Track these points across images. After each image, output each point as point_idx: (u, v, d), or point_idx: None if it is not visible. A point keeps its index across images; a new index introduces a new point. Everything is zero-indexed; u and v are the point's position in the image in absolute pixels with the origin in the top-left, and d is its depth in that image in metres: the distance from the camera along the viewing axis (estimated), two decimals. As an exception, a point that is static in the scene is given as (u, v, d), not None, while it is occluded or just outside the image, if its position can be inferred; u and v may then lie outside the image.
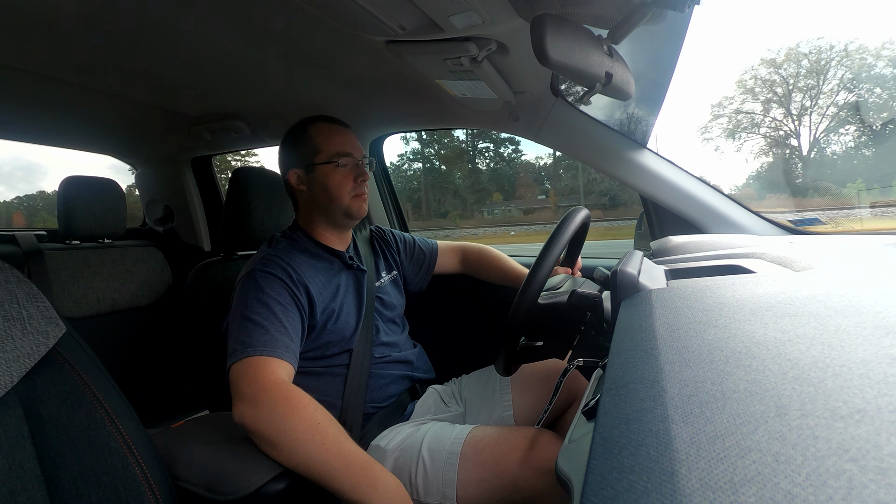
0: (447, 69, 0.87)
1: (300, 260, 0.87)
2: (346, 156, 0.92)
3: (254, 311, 0.77)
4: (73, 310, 1.34)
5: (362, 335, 0.92)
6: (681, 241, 0.88)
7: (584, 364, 0.60)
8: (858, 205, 1.30)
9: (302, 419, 0.66)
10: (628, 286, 0.50)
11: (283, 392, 0.68)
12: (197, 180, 1.85)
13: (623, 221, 7.07)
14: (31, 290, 0.52)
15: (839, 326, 0.30)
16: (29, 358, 0.49)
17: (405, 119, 1.32)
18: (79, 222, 1.37)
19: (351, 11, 0.68)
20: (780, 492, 0.17)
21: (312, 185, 0.93)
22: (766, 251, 0.67)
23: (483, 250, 1.21)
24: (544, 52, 0.55)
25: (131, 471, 0.52)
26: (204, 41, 0.87)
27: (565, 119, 1.08)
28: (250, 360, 0.71)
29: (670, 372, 0.28)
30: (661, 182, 1.04)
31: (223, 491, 0.60)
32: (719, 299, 0.41)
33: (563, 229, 0.71)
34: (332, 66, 1.00)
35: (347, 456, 0.66)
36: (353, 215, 0.94)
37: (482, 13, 0.67)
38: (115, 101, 1.18)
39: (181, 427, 0.76)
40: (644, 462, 0.21)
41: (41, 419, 0.49)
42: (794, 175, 7.85)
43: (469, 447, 0.76)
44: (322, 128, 0.94)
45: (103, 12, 0.76)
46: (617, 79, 0.65)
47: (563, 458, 0.40)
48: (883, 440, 0.18)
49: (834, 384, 0.23)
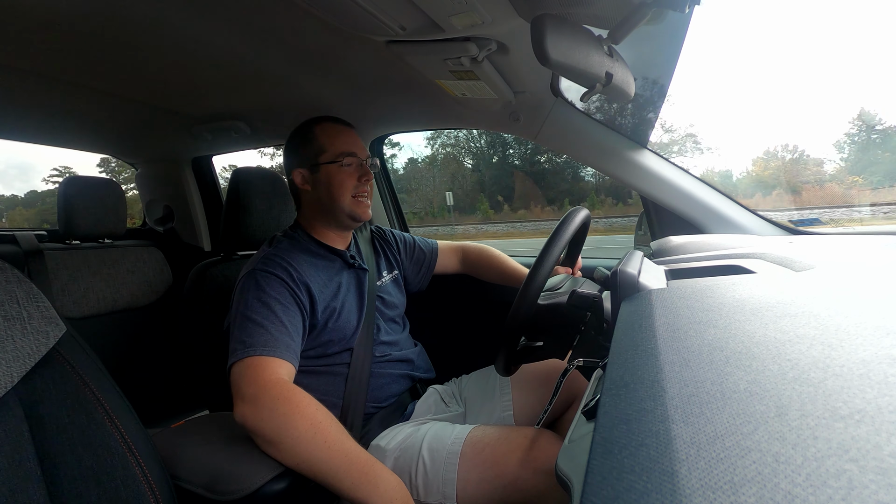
0: (447, 69, 0.87)
1: (301, 259, 0.87)
2: (351, 156, 0.92)
3: (254, 311, 0.77)
4: (73, 310, 1.34)
5: (363, 334, 0.92)
6: (681, 241, 0.88)
7: (584, 364, 0.60)
8: (858, 205, 1.30)
9: (303, 418, 0.66)
10: (628, 286, 0.50)
11: (283, 391, 0.68)
12: (197, 180, 1.85)
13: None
14: (31, 290, 0.52)
15: (839, 326, 0.30)
16: (29, 358, 0.49)
17: (405, 119, 1.32)
18: (79, 222, 1.37)
19: (351, 11, 0.68)
20: (780, 492, 0.17)
21: (317, 184, 0.93)
22: (766, 251, 0.67)
23: (483, 250, 1.21)
24: (544, 52, 0.55)
25: (131, 471, 0.52)
26: (204, 41, 0.87)
27: (565, 119, 1.08)
28: (251, 359, 0.71)
29: (670, 372, 0.28)
30: (661, 182, 1.04)
31: (223, 491, 0.60)
32: (719, 299, 0.41)
33: (563, 229, 0.71)
34: (333, 67, 1.00)
35: (349, 454, 0.66)
36: (357, 218, 0.94)
37: (482, 13, 0.67)
38: (115, 101, 1.18)
39: (181, 427, 0.76)
40: (644, 462, 0.21)
41: (41, 419, 0.49)
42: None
43: (469, 447, 0.76)
44: (327, 128, 0.95)
45: (103, 12, 0.76)
46: (617, 79, 0.65)
47: (563, 458, 0.40)
48: (883, 440, 0.18)
49: (834, 384, 0.23)
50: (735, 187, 8.04)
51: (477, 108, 1.12)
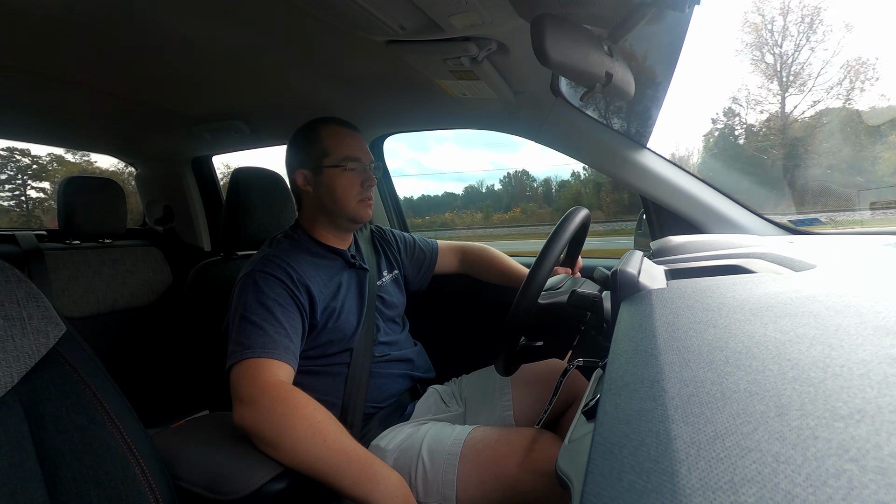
0: (447, 69, 0.87)
1: (301, 259, 0.87)
2: (355, 160, 0.92)
3: (252, 312, 0.77)
4: (73, 310, 1.34)
5: (363, 334, 0.92)
6: (681, 241, 0.88)
7: (584, 364, 0.60)
8: (858, 205, 1.29)
9: (301, 418, 0.66)
10: (628, 286, 0.50)
11: (281, 392, 0.68)
12: (197, 180, 1.85)
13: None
14: (31, 290, 0.52)
15: (839, 326, 0.30)
16: (29, 358, 0.49)
17: (405, 119, 1.32)
18: (79, 222, 1.37)
19: (351, 11, 0.68)
20: (780, 492, 0.17)
21: (319, 186, 0.93)
22: (766, 251, 0.67)
23: (483, 250, 1.21)
24: (544, 52, 0.55)
25: (131, 471, 0.52)
26: (204, 41, 0.87)
27: (565, 119, 1.08)
28: (249, 361, 0.71)
29: (670, 372, 0.28)
30: (661, 182, 1.04)
31: (223, 491, 0.60)
32: (719, 299, 0.41)
33: (562, 229, 0.71)
34: (332, 66, 1.00)
35: (348, 453, 0.66)
36: (358, 220, 0.94)
37: (482, 13, 0.67)
38: (115, 101, 1.18)
39: (181, 427, 0.76)
40: (644, 462, 0.21)
41: (41, 419, 0.49)
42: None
43: (469, 448, 0.76)
44: (333, 130, 0.94)
45: (103, 12, 0.76)
46: (617, 79, 0.65)
47: (563, 458, 0.40)
48: (883, 440, 0.18)
49: (834, 384, 0.23)
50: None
51: (477, 108, 1.12)
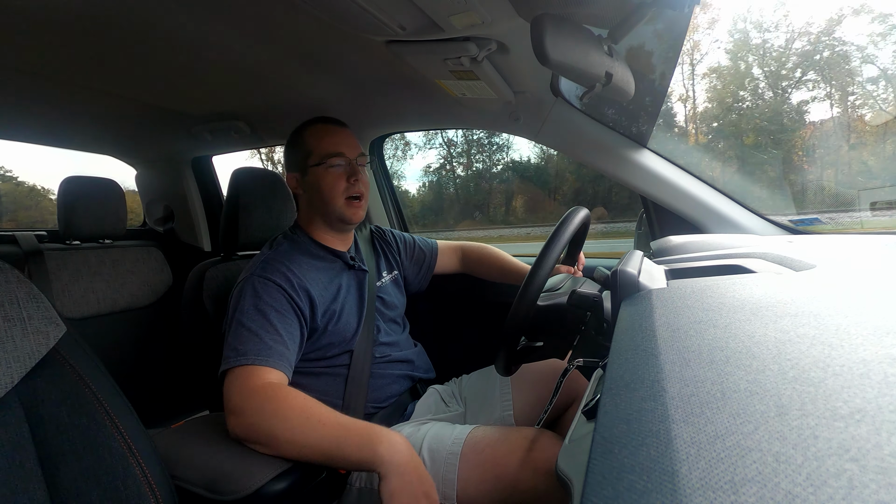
0: (447, 69, 0.87)
1: (301, 261, 0.87)
2: (338, 156, 0.91)
3: (249, 318, 0.76)
4: (73, 310, 1.34)
5: (363, 335, 0.92)
6: (681, 241, 0.88)
7: (584, 364, 0.60)
8: (858, 205, 1.29)
9: (291, 409, 0.66)
10: (628, 286, 0.50)
11: (268, 392, 0.68)
12: (197, 180, 1.85)
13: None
14: (31, 291, 0.52)
15: (839, 326, 0.30)
16: (29, 358, 0.49)
17: (405, 119, 1.32)
18: (79, 222, 1.37)
19: (351, 11, 0.68)
20: (780, 492, 0.17)
21: (307, 188, 0.93)
22: (766, 251, 0.67)
23: (484, 249, 1.21)
24: (544, 52, 0.55)
25: (132, 471, 0.52)
26: (204, 41, 0.87)
27: (565, 119, 1.08)
28: (241, 369, 0.71)
29: (670, 372, 0.28)
30: (661, 182, 1.04)
31: (223, 491, 0.60)
32: (719, 299, 0.41)
33: (562, 229, 0.71)
34: (333, 66, 1.00)
35: (346, 425, 0.66)
36: (348, 221, 0.94)
37: (482, 13, 0.67)
38: (115, 101, 1.18)
39: (181, 427, 0.76)
40: (644, 462, 0.21)
41: (41, 419, 0.49)
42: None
43: (469, 448, 0.76)
44: (315, 130, 0.94)
45: (103, 12, 0.75)
46: (617, 78, 0.65)
47: (564, 458, 0.40)
48: (883, 440, 0.18)
49: (834, 384, 0.23)
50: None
51: (477, 107, 1.12)
